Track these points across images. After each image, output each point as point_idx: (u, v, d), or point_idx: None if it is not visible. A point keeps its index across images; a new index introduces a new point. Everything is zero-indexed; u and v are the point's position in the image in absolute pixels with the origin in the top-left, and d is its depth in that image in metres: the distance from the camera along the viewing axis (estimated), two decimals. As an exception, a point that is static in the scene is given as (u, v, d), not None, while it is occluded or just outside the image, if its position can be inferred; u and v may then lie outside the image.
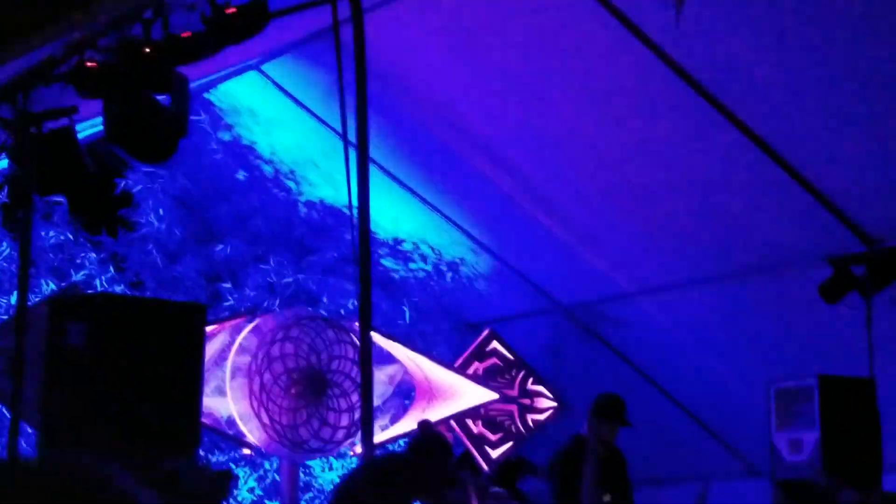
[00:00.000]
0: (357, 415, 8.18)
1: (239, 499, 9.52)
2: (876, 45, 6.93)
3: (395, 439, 9.36)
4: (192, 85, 9.58)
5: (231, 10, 5.73)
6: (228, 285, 9.99)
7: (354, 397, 8.45)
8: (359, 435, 6.48)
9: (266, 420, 8.50)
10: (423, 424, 7.69)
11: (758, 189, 8.16)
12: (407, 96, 9.11)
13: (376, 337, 9.27)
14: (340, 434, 8.46)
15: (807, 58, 7.19)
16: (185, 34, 5.84)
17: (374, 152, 9.79)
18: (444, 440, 7.61)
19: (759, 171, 7.92)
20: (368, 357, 5.20)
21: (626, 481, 8.74)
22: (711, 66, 7.57)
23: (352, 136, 5.47)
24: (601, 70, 8.00)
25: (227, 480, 5.90)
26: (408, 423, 9.23)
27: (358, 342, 7.43)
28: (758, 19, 7.11)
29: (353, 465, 8.68)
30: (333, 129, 8.62)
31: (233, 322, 8.98)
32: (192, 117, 10.08)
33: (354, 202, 5.16)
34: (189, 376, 6.09)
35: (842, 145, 7.62)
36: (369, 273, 5.22)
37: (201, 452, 8.95)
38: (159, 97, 5.94)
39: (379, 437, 8.96)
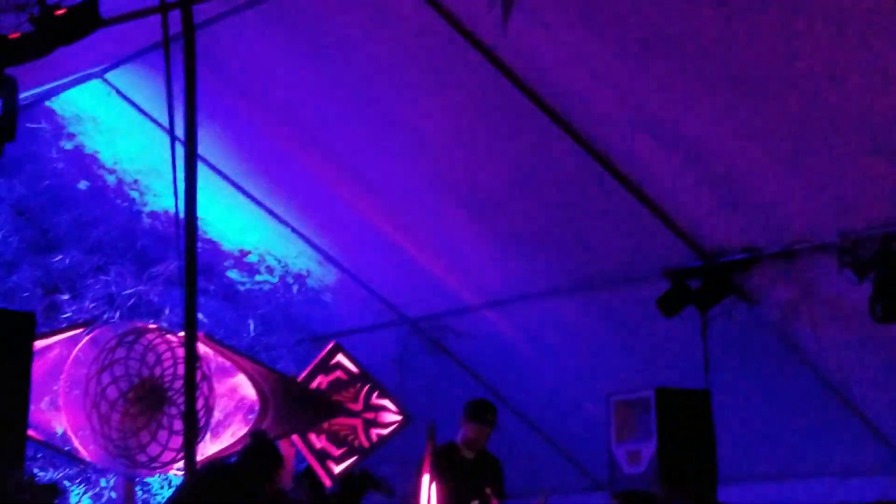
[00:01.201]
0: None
1: (74, 516, 9.30)
2: (714, 65, 7.02)
3: (235, 454, 9.22)
4: (34, 92, 9.46)
5: (61, 12, 5.61)
6: (67, 296, 9.75)
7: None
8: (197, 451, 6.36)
9: (101, 435, 8.29)
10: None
11: (598, 204, 8.25)
12: (257, 108, 9.03)
13: (220, 350, 9.13)
14: (177, 451, 8.29)
15: (645, 76, 7.28)
16: (14, 35, 5.70)
17: (221, 163, 9.74)
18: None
19: (600, 185, 8.02)
20: (192, 369, 5.13)
21: (500, 487, 8.74)
22: (555, 83, 7.64)
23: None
24: (448, 83, 8.02)
25: (53, 494, 5.75)
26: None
27: (198, 356, 7.33)
28: (603, 40, 7.16)
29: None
30: (167, 131, 8.51)
31: (69, 334, 8.73)
32: (33, 125, 9.91)
33: (181, 204, 5.07)
34: (15, 387, 5.94)
35: (679, 162, 7.75)
36: (195, 273, 5.13)
37: (36, 468, 8.72)
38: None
39: (219, 451, 8.82)
